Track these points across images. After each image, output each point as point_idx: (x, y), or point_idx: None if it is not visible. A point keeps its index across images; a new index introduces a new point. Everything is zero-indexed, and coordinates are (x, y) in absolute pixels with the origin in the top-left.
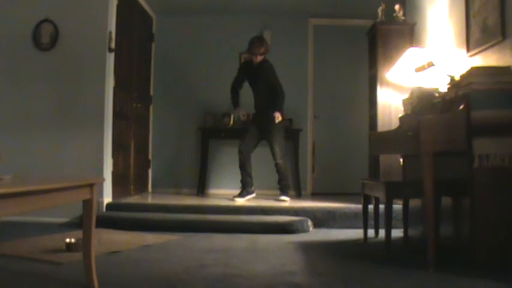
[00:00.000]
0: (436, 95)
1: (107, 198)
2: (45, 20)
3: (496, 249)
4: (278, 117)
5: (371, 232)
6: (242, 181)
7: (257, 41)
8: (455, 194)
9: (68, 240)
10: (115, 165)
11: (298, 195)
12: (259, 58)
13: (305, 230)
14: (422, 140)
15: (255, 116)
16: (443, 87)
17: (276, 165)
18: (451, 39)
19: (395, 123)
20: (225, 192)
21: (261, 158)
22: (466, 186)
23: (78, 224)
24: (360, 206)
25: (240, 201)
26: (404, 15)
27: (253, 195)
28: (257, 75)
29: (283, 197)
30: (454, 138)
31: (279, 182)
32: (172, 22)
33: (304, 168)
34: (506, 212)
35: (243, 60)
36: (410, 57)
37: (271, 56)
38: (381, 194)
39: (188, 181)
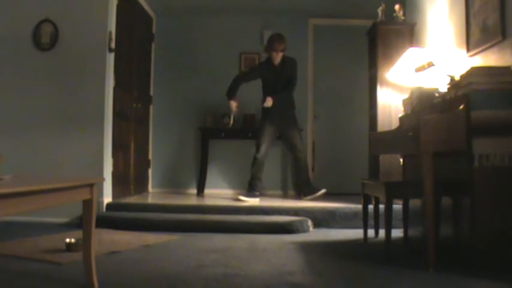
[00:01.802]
0: (436, 95)
1: (107, 198)
2: (45, 20)
3: (495, 249)
4: (267, 101)
5: (371, 232)
6: (251, 184)
7: (278, 38)
8: (455, 194)
9: (68, 240)
10: (115, 165)
11: (298, 196)
12: (280, 55)
13: (305, 230)
14: (422, 140)
15: (271, 116)
16: (443, 87)
17: (300, 159)
18: (451, 39)
19: (395, 123)
20: (225, 192)
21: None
22: (466, 186)
23: (78, 224)
24: (360, 206)
25: (247, 201)
26: (404, 15)
27: (258, 199)
28: (279, 74)
29: (321, 191)
30: (454, 138)
31: (299, 178)
32: (172, 22)
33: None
34: (506, 212)
35: (275, 58)
36: (410, 57)
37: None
38: (381, 194)
39: (188, 181)
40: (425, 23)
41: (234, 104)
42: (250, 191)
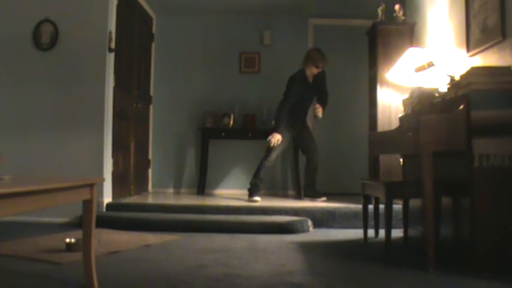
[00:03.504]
0: (436, 95)
1: (107, 198)
2: (45, 20)
3: (495, 249)
4: (320, 112)
5: (371, 232)
6: (255, 184)
7: (324, 56)
8: (455, 194)
9: (68, 240)
10: (115, 165)
11: (298, 196)
12: (318, 71)
13: (305, 230)
14: (422, 140)
15: (293, 125)
16: (443, 87)
17: (313, 160)
18: (451, 39)
19: (395, 123)
20: (224, 192)
21: (260, 158)
22: (466, 186)
23: (78, 224)
24: (360, 206)
25: (259, 199)
26: (404, 15)
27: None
28: (311, 88)
29: (322, 198)
30: (454, 138)
31: (310, 178)
32: (172, 22)
33: (304, 168)
34: (506, 212)
35: (315, 73)
36: (410, 57)
37: (271, 56)
38: (381, 194)
39: (188, 181)
40: (425, 23)
41: (279, 138)
42: (256, 191)
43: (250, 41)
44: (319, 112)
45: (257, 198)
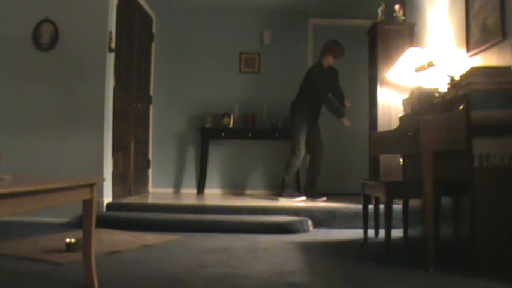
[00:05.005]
0: (436, 95)
1: (107, 198)
2: (45, 20)
3: (496, 249)
4: (348, 102)
5: (371, 232)
6: (290, 185)
7: (343, 48)
8: (455, 194)
9: (68, 240)
10: (115, 165)
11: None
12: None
13: (305, 230)
14: (423, 140)
15: (310, 118)
16: (443, 87)
17: (317, 160)
18: (451, 39)
19: (395, 123)
20: (224, 192)
21: (260, 158)
22: (466, 186)
23: (78, 224)
24: (360, 206)
25: (304, 198)
26: (404, 15)
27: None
28: (328, 80)
29: (322, 198)
30: (454, 138)
31: (312, 179)
32: (172, 22)
33: (304, 168)
34: (506, 212)
35: (330, 65)
36: (410, 57)
37: (271, 56)
38: (380, 194)
39: (188, 181)
40: (425, 23)
41: (346, 121)
42: (292, 192)
43: (250, 41)
44: (347, 102)
45: (303, 197)
